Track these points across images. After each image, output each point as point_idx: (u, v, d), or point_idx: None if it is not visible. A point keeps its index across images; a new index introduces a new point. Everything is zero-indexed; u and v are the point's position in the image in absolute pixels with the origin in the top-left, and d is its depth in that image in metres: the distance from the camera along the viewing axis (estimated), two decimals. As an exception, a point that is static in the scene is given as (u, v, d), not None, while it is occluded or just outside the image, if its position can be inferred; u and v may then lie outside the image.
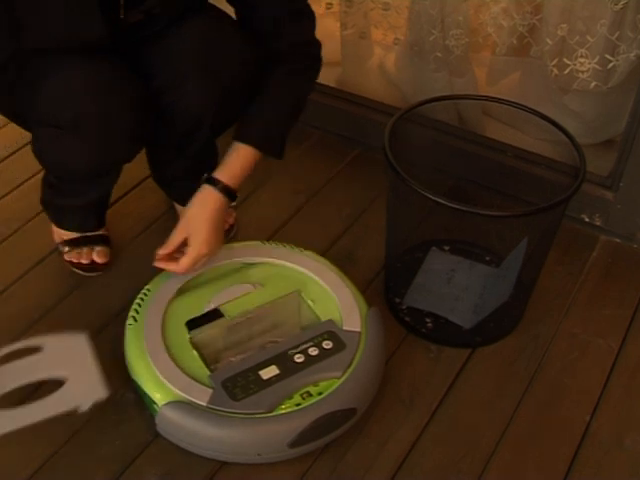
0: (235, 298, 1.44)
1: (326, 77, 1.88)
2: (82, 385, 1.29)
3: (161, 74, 1.41)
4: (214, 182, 1.42)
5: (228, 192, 1.43)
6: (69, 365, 1.32)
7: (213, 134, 1.52)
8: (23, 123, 1.48)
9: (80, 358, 1.32)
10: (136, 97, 1.37)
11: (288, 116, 1.47)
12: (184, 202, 1.68)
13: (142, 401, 1.37)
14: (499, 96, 1.70)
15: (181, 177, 1.64)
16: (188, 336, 1.38)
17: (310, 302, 1.45)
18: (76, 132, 1.32)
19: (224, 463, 1.31)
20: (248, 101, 1.45)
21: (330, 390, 1.31)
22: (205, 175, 1.44)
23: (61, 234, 1.65)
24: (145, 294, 1.45)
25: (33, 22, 1.28)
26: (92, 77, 1.32)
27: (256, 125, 1.44)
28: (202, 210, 1.42)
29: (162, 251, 1.44)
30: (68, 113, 1.31)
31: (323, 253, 1.64)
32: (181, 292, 1.46)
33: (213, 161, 1.67)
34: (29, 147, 1.45)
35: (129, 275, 1.62)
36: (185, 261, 1.42)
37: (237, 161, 1.43)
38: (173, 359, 1.33)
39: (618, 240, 1.77)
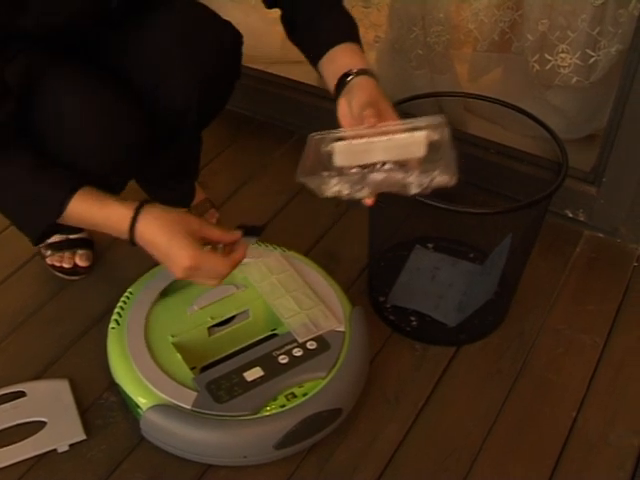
0: (218, 300, 1.44)
1: (307, 76, 1.87)
2: (61, 428, 1.35)
3: (141, 72, 1.39)
4: (360, 72, 1.30)
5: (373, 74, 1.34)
6: (50, 409, 1.37)
7: (198, 125, 1.50)
8: None
9: (61, 403, 1.38)
10: (133, 112, 1.36)
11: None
12: (166, 204, 1.66)
13: (126, 405, 1.36)
14: (481, 92, 1.70)
15: (164, 177, 1.63)
16: (171, 339, 1.37)
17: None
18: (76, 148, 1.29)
19: (210, 466, 1.31)
20: (231, 87, 1.47)
21: (315, 391, 1.30)
22: (346, 74, 1.31)
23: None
24: (128, 297, 1.44)
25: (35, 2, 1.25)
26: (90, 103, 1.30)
27: (344, 28, 1.37)
28: (376, 90, 1.30)
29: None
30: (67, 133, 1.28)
31: (306, 252, 1.64)
32: (164, 294, 1.45)
33: (195, 162, 1.67)
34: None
35: (111, 278, 1.61)
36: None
37: (357, 53, 1.34)
38: (156, 362, 1.32)
39: (601, 235, 1.77)
